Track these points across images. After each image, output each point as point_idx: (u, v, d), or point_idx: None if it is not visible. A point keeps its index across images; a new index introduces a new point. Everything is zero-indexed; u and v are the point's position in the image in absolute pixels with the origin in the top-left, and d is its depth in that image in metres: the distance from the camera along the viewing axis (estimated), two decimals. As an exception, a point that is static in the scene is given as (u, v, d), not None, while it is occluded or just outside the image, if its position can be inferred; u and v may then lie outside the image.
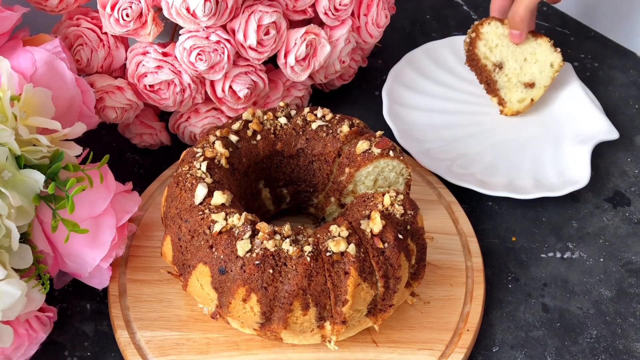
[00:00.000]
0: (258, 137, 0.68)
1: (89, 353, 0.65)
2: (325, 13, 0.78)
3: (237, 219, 0.58)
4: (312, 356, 0.63)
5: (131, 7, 0.69)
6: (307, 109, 0.70)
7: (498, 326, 0.69)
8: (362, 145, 0.67)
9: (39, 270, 0.60)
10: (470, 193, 0.80)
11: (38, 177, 0.58)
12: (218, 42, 0.71)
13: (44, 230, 0.62)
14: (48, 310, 0.63)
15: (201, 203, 0.60)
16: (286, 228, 0.58)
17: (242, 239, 0.57)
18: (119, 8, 0.69)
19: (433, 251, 0.72)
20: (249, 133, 0.68)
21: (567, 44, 1.04)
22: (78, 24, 0.73)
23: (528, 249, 0.76)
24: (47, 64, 0.64)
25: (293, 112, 0.70)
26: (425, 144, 0.84)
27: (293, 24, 0.79)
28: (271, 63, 0.83)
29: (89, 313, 0.68)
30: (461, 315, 0.67)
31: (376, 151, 0.66)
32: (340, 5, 0.78)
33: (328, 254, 0.56)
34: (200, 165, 0.63)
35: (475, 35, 0.88)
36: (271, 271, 0.56)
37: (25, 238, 0.61)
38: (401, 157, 0.67)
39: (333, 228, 0.58)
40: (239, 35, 0.72)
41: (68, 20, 0.73)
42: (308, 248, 0.56)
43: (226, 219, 0.58)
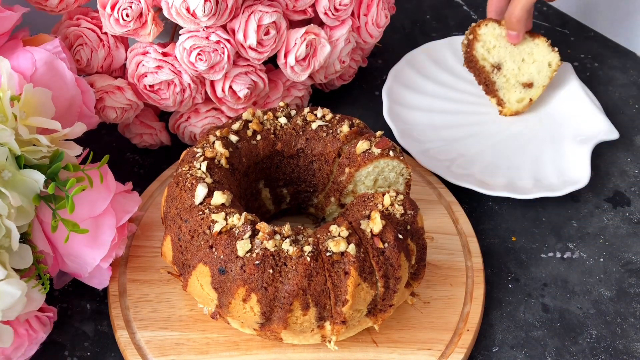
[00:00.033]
0: (258, 137, 0.68)
1: (89, 353, 0.65)
2: (325, 13, 0.78)
3: (237, 219, 0.58)
4: (312, 356, 0.63)
5: (131, 7, 0.69)
6: (307, 109, 0.70)
7: (498, 326, 0.69)
8: (362, 145, 0.67)
9: (39, 270, 0.60)
10: (470, 193, 0.80)
11: (38, 177, 0.58)
12: (218, 42, 0.71)
13: (44, 230, 0.62)
14: (48, 310, 0.63)
15: (201, 203, 0.60)
16: (286, 228, 0.58)
17: (242, 239, 0.57)
18: (119, 8, 0.69)
19: (433, 251, 0.71)
20: (249, 133, 0.68)
21: (567, 44, 1.04)
22: (78, 24, 0.73)
23: (528, 249, 0.76)
24: (47, 64, 0.63)
25: (293, 112, 0.70)
26: (425, 144, 0.84)
27: (293, 24, 0.79)
28: (271, 63, 0.83)
29: (89, 313, 0.68)
30: (461, 315, 0.67)
31: (376, 151, 0.66)
32: (340, 5, 0.78)
33: (328, 254, 0.56)
34: (200, 165, 0.63)
35: (472, 36, 0.88)
36: (271, 271, 0.56)
37: (25, 238, 0.61)
38: (401, 157, 0.67)
39: (333, 228, 0.58)
40: (239, 35, 0.72)
41: (68, 20, 0.73)
42: (308, 248, 0.56)
43: (226, 219, 0.58)
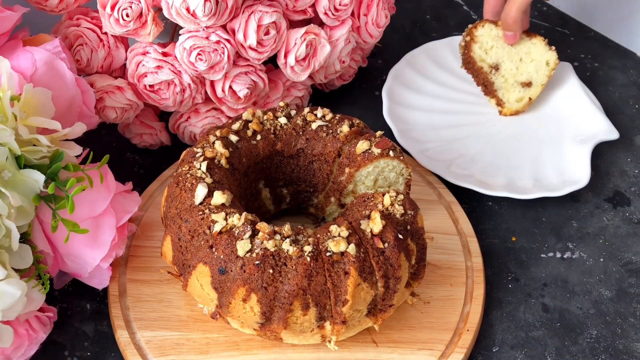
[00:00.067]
0: (258, 137, 0.68)
1: (89, 353, 0.65)
2: (325, 13, 0.78)
3: (237, 219, 0.58)
4: (312, 356, 0.63)
5: (131, 7, 0.69)
6: (307, 109, 0.70)
7: (498, 326, 0.69)
8: (362, 145, 0.66)
9: (39, 270, 0.60)
10: (470, 193, 0.80)
11: (38, 177, 0.58)
12: (218, 42, 0.71)
13: (44, 230, 0.62)
14: (48, 310, 0.63)
15: (201, 203, 0.60)
16: (286, 228, 0.58)
17: (242, 239, 0.57)
18: (119, 8, 0.69)
19: (433, 251, 0.71)
20: (249, 133, 0.68)
21: (567, 44, 1.04)
22: (78, 24, 0.73)
23: (528, 249, 0.76)
24: (47, 64, 0.63)
25: (293, 112, 0.70)
26: (425, 144, 0.84)
27: (293, 24, 0.79)
28: (271, 63, 0.83)
29: (89, 313, 0.68)
30: (461, 315, 0.67)
31: (376, 151, 0.66)
32: (340, 5, 0.78)
33: (328, 254, 0.56)
34: (200, 165, 0.63)
35: (469, 38, 0.89)
36: (271, 271, 0.56)
37: (25, 238, 0.61)
38: (401, 157, 0.67)
39: (333, 228, 0.58)
40: (239, 35, 0.72)
41: (68, 20, 0.73)
42: (308, 248, 0.56)
43: (226, 219, 0.58)
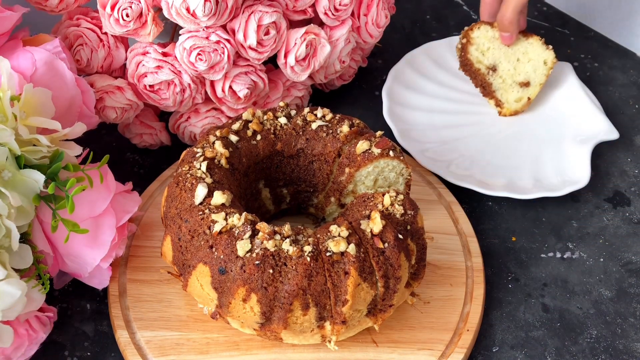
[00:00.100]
0: (258, 137, 0.68)
1: (89, 353, 0.65)
2: (325, 13, 0.78)
3: (237, 219, 0.58)
4: (312, 356, 0.63)
5: (131, 7, 0.69)
6: (307, 109, 0.70)
7: (498, 326, 0.69)
8: (362, 145, 0.66)
9: (39, 270, 0.60)
10: (470, 193, 0.80)
11: (38, 177, 0.58)
12: (218, 42, 0.71)
13: (44, 230, 0.62)
14: (48, 310, 0.63)
15: (201, 203, 0.60)
16: (286, 228, 0.58)
17: (242, 239, 0.57)
18: (119, 8, 0.69)
19: (433, 251, 0.71)
20: (249, 133, 0.68)
21: (567, 44, 1.04)
22: (78, 24, 0.73)
23: (528, 249, 0.76)
24: (47, 64, 0.63)
25: (293, 112, 0.70)
26: (425, 144, 0.84)
27: (293, 24, 0.79)
28: (271, 63, 0.83)
29: (89, 313, 0.68)
30: (461, 315, 0.67)
31: (376, 151, 0.66)
32: (340, 5, 0.78)
33: (328, 254, 0.56)
34: (200, 165, 0.63)
35: (466, 40, 0.89)
36: (271, 271, 0.56)
37: (25, 238, 0.61)
38: (401, 157, 0.67)
39: (333, 228, 0.58)
40: (239, 35, 0.72)
41: (68, 20, 0.73)
42: (308, 248, 0.56)
43: (226, 219, 0.58)
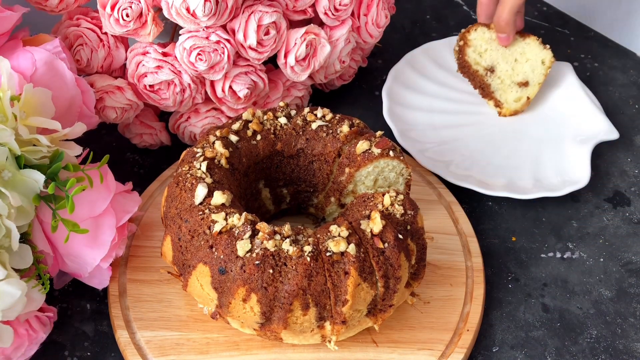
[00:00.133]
0: (258, 137, 0.68)
1: (89, 353, 0.65)
2: (325, 13, 0.78)
3: (237, 219, 0.58)
4: (312, 356, 0.63)
5: (131, 7, 0.69)
6: (307, 109, 0.70)
7: (498, 326, 0.69)
8: (362, 145, 0.66)
9: (39, 270, 0.60)
10: (470, 193, 0.80)
11: (38, 177, 0.58)
12: (218, 42, 0.71)
13: (44, 230, 0.62)
14: (48, 310, 0.63)
15: (201, 203, 0.60)
16: (286, 228, 0.58)
17: (242, 239, 0.57)
18: (119, 8, 0.69)
19: (433, 251, 0.71)
20: (249, 133, 0.68)
21: (567, 44, 1.04)
22: (78, 24, 0.73)
23: (528, 249, 0.76)
24: (47, 64, 0.63)
25: (293, 112, 0.70)
26: (425, 144, 0.84)
27: (293, 24, 0.79)
28: (271, 63, 0.83)
29: (89, 313, 0.68)
30: (461, 315, 0.67)
31: (376, 151, 0.66)
32: (340, 5, 0.78)
33: (328, 254, 0.56)
34: (200, 165, 0.63)
35: (463, 42, 0.89)
36: (271, 271, 0.56)
37: (25, 238, 0.60)
38: (401, 157, 0.67)
39: (333, 228, 0.58)
40: (239, 35, 0.72)
41: (68, 20, 0.73)
42: (308, 248, 0.56)
43: (226, 219, 0.58)
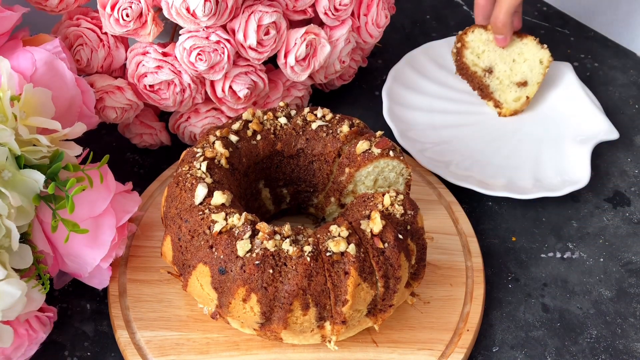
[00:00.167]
0: (258, 137, 0.68)
1: (89, 353, 0.65)
2: (325, 13, 0.78)
3: (237, 219, 0.58)
4: (312, 356, 0.63)
5: (131, 7, 0.69)
6: (307, 109, 0.70)
7: (498, 326, 0.69)
8: (362, 145, 0.66)
9: (39, 270, 0.60)
10: (470, 193, 0.80)
11: (38, 177, 0.58)
12: (218, 42, 0.71)
13: (44, 230, 0.62)
14: (48, 310, 0.63)
15: (201, 203, 0.60)
16: (286, 228, 0.58)
17: (242, 239, 0.57)
18: (119, 8, 0.69)
19: (433, 251, 0.71)
20: (249, 133, 0.68)
21: (567, 44, 1.04)
22: (78, 24, 0.73)
23: (528, 249, 0.76)
24: (47, 64, 0.63)
25: (293, 112, 0.70)
26: (425, 144, 0.84)
27: (293, 24, 0.79)
28: (271, 63, 0.83)
29: (89, 313, 0.68)
30: (461, 315, 0.67)
31: (376, 151, 0.66)
32: (340, 5, 0.78)
33: (328, 254, 0.56)
34: (200, 165, 0.63)
35: (460, 45, 0.89)
36: (271, 271, 0.56)
37: (25, 238, 0.60)
38: (401, 157, 0.67)
39: (333, 228, 0.58)
40: (239, 35, 0.72)
41: (68, 20, 0.73)
42: (308, 248, 0.56)
43: (226, 219, 0.58)
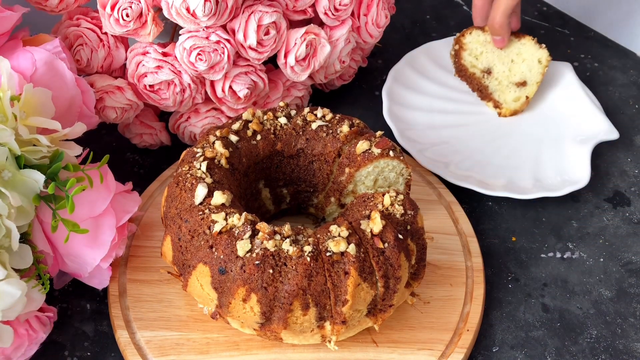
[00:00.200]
0: (258, 137, 0.68)
1: (89, 353, 0.65)
2: (325, 13, 0.78)
3: (237, 219, 0.58)
4: (312, 356, 0.63)
5: (131, 7, 0.69)
6: (307, 109, 0.70)
7: (498, 326, 0.69)
8: (362, 145, 0.66)
9: (39, 270, 0.60)
10: (470, 193, 0.80)
11: (38, 177, 0.58)
12: (218, 42, 0.71)
13: (44, 230, 0.62)
14: (48, 310, 0.63)
15: (201, 203, 0.60)
16: (286, 228, 0.58)
17: (242, 239, 0.57)
18: (119, 8, 0.69)
19: (433, 251, 0.71)
20: (249, 133, 0.68)
21: (567, 44, 1.04)
22: (78, 24, 0.73)
23: (528, 249, 0.76)
24: (47, 64, 0.63)
25: (293, 112, 0.70)
26: (425, 144, 0.84)
27: (293, 24, 0.79)
28: (271, 63, 0.83)
29: (89, 313, 0.68)
30: (461, 315, 0.67)
31: (376, 151, 0.66)
32: (340, 5, 0.78)
33: (328, 254, 0.56)
34: (200, 165, 0.63)
35: (458, 47, 0.89)
36: (271, 271, 0.56)
37: (25, 238, 0.61)
38: (401, 157, 0.67)
39: (333, 228, 0.58)
40: (239, 35, 0.72)
41: (68, 20, 0.73)
42: (308, 248, 0.56)
43: (226, 219, 0.58)
